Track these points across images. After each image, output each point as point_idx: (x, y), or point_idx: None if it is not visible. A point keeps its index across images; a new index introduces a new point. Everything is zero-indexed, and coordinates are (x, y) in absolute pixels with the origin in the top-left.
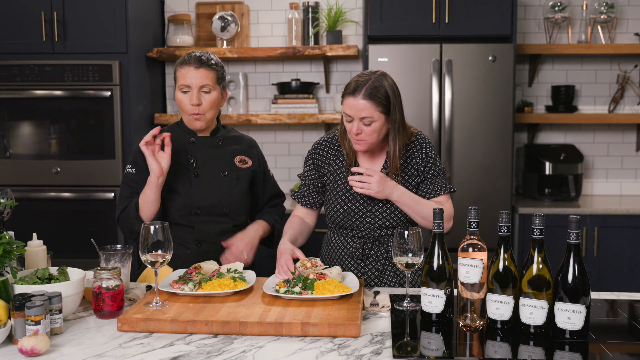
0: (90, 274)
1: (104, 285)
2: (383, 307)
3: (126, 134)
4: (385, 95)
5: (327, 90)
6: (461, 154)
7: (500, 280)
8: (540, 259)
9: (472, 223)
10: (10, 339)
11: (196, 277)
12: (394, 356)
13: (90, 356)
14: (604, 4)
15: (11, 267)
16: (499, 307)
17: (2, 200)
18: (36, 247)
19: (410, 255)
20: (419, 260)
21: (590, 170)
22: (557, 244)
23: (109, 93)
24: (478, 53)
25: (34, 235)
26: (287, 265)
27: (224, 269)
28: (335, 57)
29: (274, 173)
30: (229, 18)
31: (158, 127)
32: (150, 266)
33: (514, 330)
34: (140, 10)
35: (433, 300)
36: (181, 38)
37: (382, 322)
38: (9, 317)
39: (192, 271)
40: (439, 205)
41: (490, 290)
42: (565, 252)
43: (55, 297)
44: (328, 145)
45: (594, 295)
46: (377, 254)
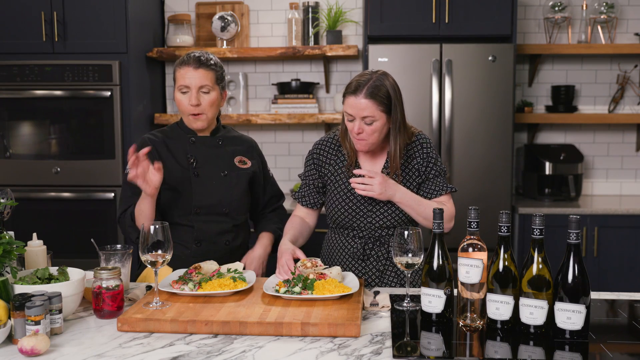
0: (90, 274)
1: (104, 285)
2: (383, 307)
3: (126, 134)
4: (387, 94)
5: (327, 90)
6: (461, 154)
7: (500, 280)
8: (540, 259)
9: (472, 223)
10: (10, 339)
11: (196, 277)
12: (394, 356)
13: (90, 356)
14: (604, 4)
15: (11, 267)
16: (499, 307)
17: (2, 200)
18: (36, 247)
19: (410, 255)
20: (419, 260)
21: (590, 170)
22: (557, 244)
23: (109, 93)
24: (478, 53)
25: (34, 235)
26: (288, 264)
27: (224, 269)
28: (335, 57)
29: (274, 173)
30: (229, 18)
31: (132, 148)
32: (150, 266)
33: (514, 330)
34: (140, 10)
35: (433, 300)
36: (181, 38)
37: (382, 322)
38: (9, 317)
39: (192, 271)
40: (441, 205)
41: (490, 290)
42: (565, 252)
43: (55, 297)
44: (329, 145)
45: (594, 295)
46: (378, 254)
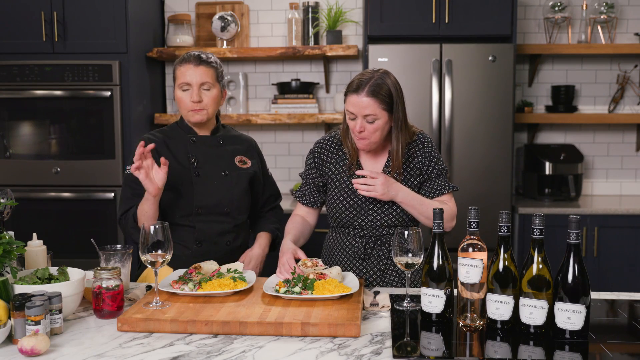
0: (90, 274)
1: (104, 285)
2: (383, 307)
3: (126, 134)
4: (389, 93)
5: (327, 90)
6: (461, 154)
7: (500, 280)
8: (540, 259)
9: (472, 223)
10: (10, 339)
11: (196, 277)
12: (394, 356)
13: (90, 356)
14: (604, 4)
15: (11, 267)
16: (499, 307)
17: (2, 200)
18: (36, 247)
19: (410, 255)
20: (419, 260)
21: (590, 170)
22: (557, 244)
23: (109, 93)
24: (478, 53)
25: (34, 235)
26: (289, 264)
27: (224, 269)
28: (335, 57)
29: (274, 173)
30: (229, 18)
31: (142, 142)
32: (150, 266)
33: (514, 330)
34: (140, 10)
35: (433, 300)
36: (181, 38)
37: (382, 322)
38: (9, 317)
39: (192, 271)
40: (442, 205)
41: (490, 290)
42: (565, 252)
43: (55, 297)
44: (330, 144)
45: (594, 295)
46: (379, 253)
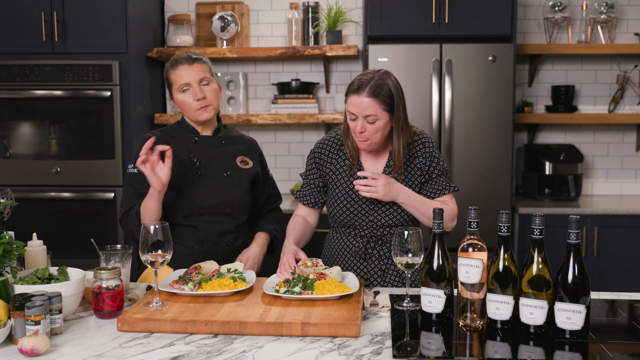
0: (90, 274)
1: (104, 285)
2: (383, 307)
3: (126, 134)
4: (389, 93)
5: (327, 90)
6: (461, 154)
7: (500, 280)
8: (540, 259)
9: (472, 223)
10: (10, 339)
11: (196, 277)
12: (394, 356)
13: (90, 356)
14: (604, 4)
15: (11, 267)
16: (499, 307)
17: (2, 200)
18: (36, 247)
19: (410, 255)
20: (419, 261)
21: (590, 170)
22: (557, 244)
23: (109, 93)
24: (478, 53)
25: (34, 235)
26: (290, 263)
27: (224, 269)
28: (335, 57)
29: (274, 173)
30: (229, 18)
31: (152, 139)
32: (150, 266)
33: (514, 330)
34: (140, 10)
35: (433, 300)
36: (181, 38)
37: (382, 322)
38: (9, 317)
39: (192, 271)
40: (443, 205)
41: (490, 290)
42: (565, 252)
43: (55, 297)
44: (330, 144)
45: (594, 295)
46: (380, 253)
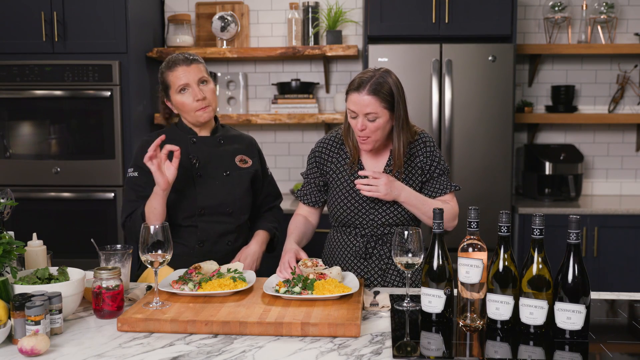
0: (90, 274)
1: (104, 285)
2: (383, 307)
3: (126, 134)
4: (390, 91)
5: (327, 90)
6: (461, 154)
7: (500, 280)
8: (540, 259)
9: (472, 223)
10: (10, 339)
11: (196, 277)
12: (394, 356)
13: (90, 356)
14: (604, 4)
15: (11, 267)
16: (499, 307)
17: (2, 200)
18: (36, 247)
19: (410, 255)
20: (419, 260)
21: (590, 170)
22: (557, 244)
23: (109, 93)
24: (478, 53)
25: (34, 235)
26: (290, 263)
27: (224, 269)
28: (335, 57)
29: (274, 173)
30: (229, 18)
31: (162, 136)
32: (150, 266)
33: (514, 330)
34: (140, 10)
35: (433, 300)
36: (181, 38)
37: (382, 322)
38: (9, 317)
39: (192, 271)
40: (445, 204)
41: (490, 290)
42: (565, 252)
43: (55, 297)
44: (331, 144)
45: (594, 295)
46: (380, 252)
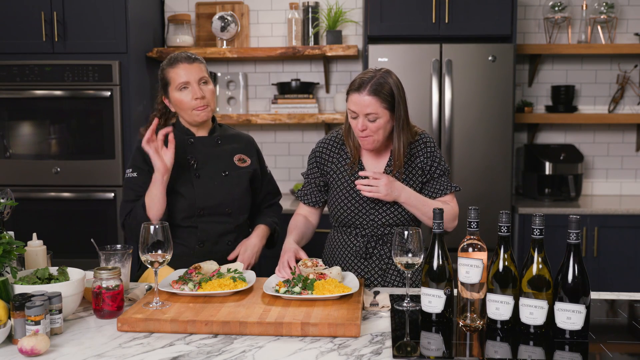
0: (90, 274)
1: (104, 285)
2: (383, 307)
3: (126, 134)
4: (390, 91)
5: (327, 90)
6: (461, 154)
7: (500, 280)
8: (540, 259)
9: (472, 223)
10: (10, 339)
11: (196, 277)
12: (394, 356)
13: (90, 356)
14: (604, 4)
15: (11, 267)
16: (499, 307)
17: (2, 200)
18: (36, 247)
19: (410, 255)
20: (419, 261)
21: (590, 170)
22: (557, 244)
23: (109, 93)
24: (478, 53)
25: (34, 235)
26: (289, 262)
27: (224, 269)
28: (335, 57)
29: (274, 173)
30: (229, 18)
31: (156, 120)
32: (150, 266)
33: (514, 330)
34: (140, 10)
35: (433, 300)
36: (181, 38)
37: (382, 322)
38: (9, 317)
39: (192, 271)
40: (445, 205)
41: (490, 290)
42: (565, 252)
43: (55, 297)
44: (331, 144)
45: (594, 295)
46: (381, 252)
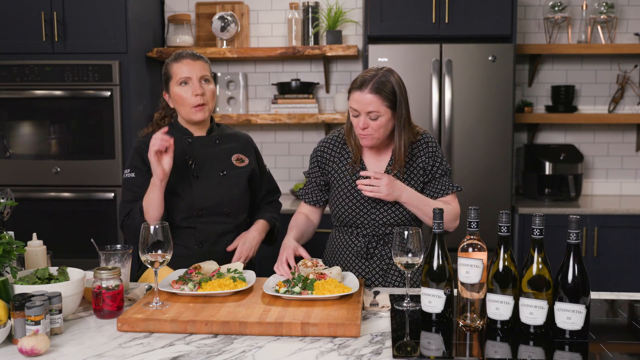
0: (90, 274)
1: (104, 285)
2: (383, 307)
3: (126, 134)
4: (392, 90)
5: (327, 90)
6: (461, 154)
7: (500, 280)
8: (540, 259)
9: (472, 223)
10: (10, 339)
11: (196, 277)
12: (394, 356)
13: (90, 356)
14: (604, 4)
15: (11, 267)
16: (499, 307)
17: (2, 200)
18: (36, 247)
19: (410, 255)
20: (419, 261)
21: (590, 170)
22: (557, 244)
23: (109, 93)
24: (478, 53)
25: (34, 235)
26: (288, 260)
27: (224, 269)
28: (335, 57)
29: (274, 173)
30: (229, 18)
31: (165, 128)
32: (150, 266)
33: (514, 330)
34: (140, 10)
35: (433, 300)
36: (181, 38)
37: (382, 322)
38: (9, 317)
39: (192, 271)
40: (446, 205)
41: (490, 290)
42: (565, 252)
43: (55, 297)
44: (333, 143)
45: (594, 295)
46: (382, 253)
